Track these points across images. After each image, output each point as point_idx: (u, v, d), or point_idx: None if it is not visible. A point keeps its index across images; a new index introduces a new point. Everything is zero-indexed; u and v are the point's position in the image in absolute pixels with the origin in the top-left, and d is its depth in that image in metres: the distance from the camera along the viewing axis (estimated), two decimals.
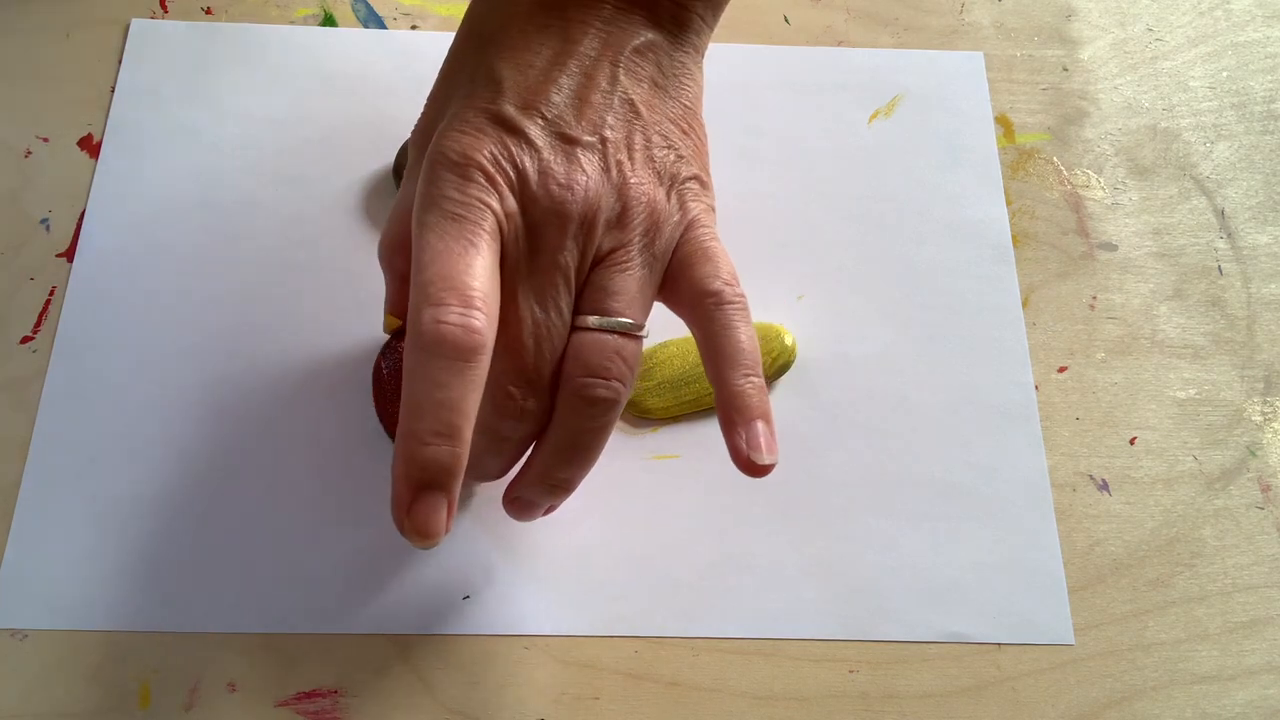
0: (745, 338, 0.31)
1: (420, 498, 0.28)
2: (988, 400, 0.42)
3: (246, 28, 0.48)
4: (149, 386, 0.41)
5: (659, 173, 0.32)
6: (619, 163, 0.31)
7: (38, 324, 0.42)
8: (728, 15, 0.50)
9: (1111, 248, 0.46)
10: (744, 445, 0.30)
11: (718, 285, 0.31)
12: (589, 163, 0.30)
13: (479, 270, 0.28)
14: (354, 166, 0.45)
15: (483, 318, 0.27)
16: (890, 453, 0.41)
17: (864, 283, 0.44)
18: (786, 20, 0.50)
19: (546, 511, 0.35)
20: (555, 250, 0.30)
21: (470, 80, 0.32)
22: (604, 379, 0.30)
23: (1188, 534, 0.41)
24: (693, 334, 0.33)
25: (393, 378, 0.39)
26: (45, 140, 0.45)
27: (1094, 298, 0.45)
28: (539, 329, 0.30)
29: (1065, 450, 0.42)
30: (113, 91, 0.46)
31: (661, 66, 0.33)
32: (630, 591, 0.39)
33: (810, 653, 0.38)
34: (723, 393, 0.31)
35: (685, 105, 0.33)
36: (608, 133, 0.31)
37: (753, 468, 0.30)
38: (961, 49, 0.50)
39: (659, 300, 0.33)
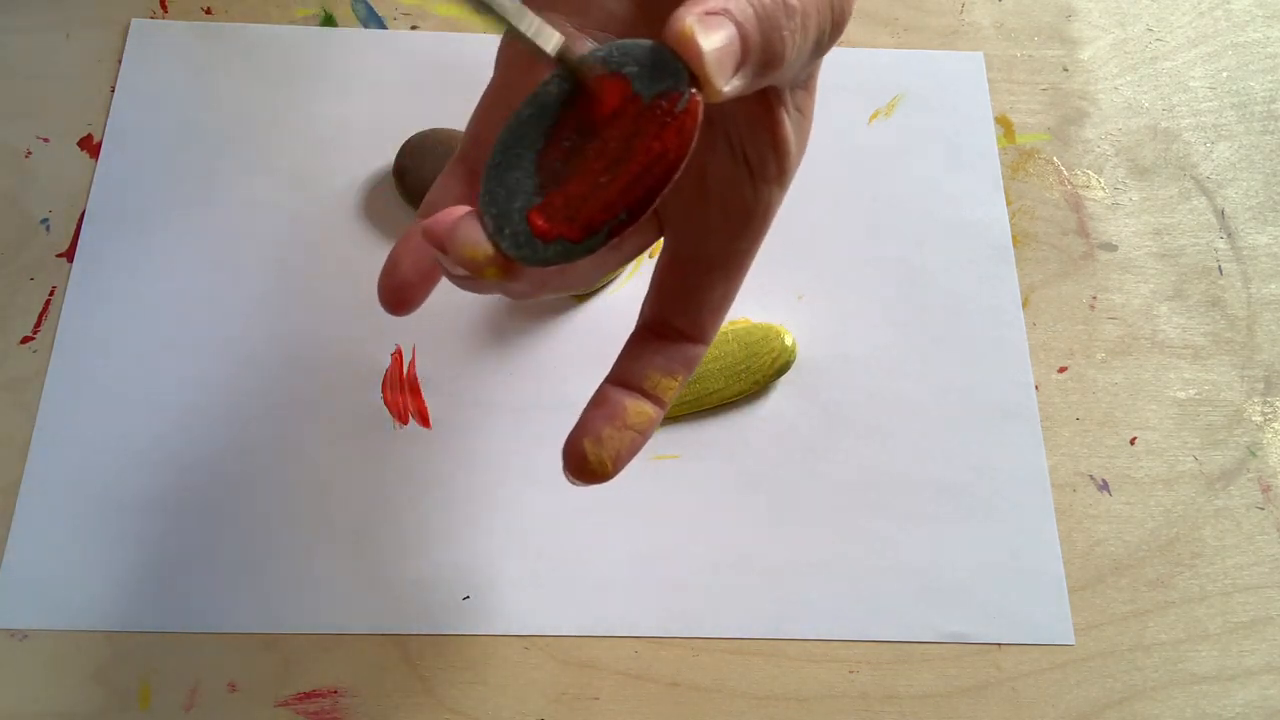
0: None
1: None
2: (988, 400, 0.42)
3: (246, 28, 0.48)
4: (149, 386, 0.41)
5: None
6: None
7: (38, 324, 0.42)
8: None
9: (1111, 248, 0.46)
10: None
11: None
12: None
13: None
14: (354, 166, 0.45)
15: None
16: (890, 453, 0.41)
17: (864, 283, 0.44)
18: None
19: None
20: None
21: None
22: None
23: (1188, 534, 0.41)
24: None
25: None
26: (45, 140, 0.45)
27: (1094, 298, 0.45)
28: None
29: (1065, 450, 0.42)
30: (113, 91, 0.46)
31: None
32: (630, 591, 0.39)
33: (810, 653, 0.38)
34: None
35: None
36: None
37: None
38: (961, 49, 0.50)
39: None
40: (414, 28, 0.48)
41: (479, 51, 0.48)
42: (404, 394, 0.41)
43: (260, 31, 0.48)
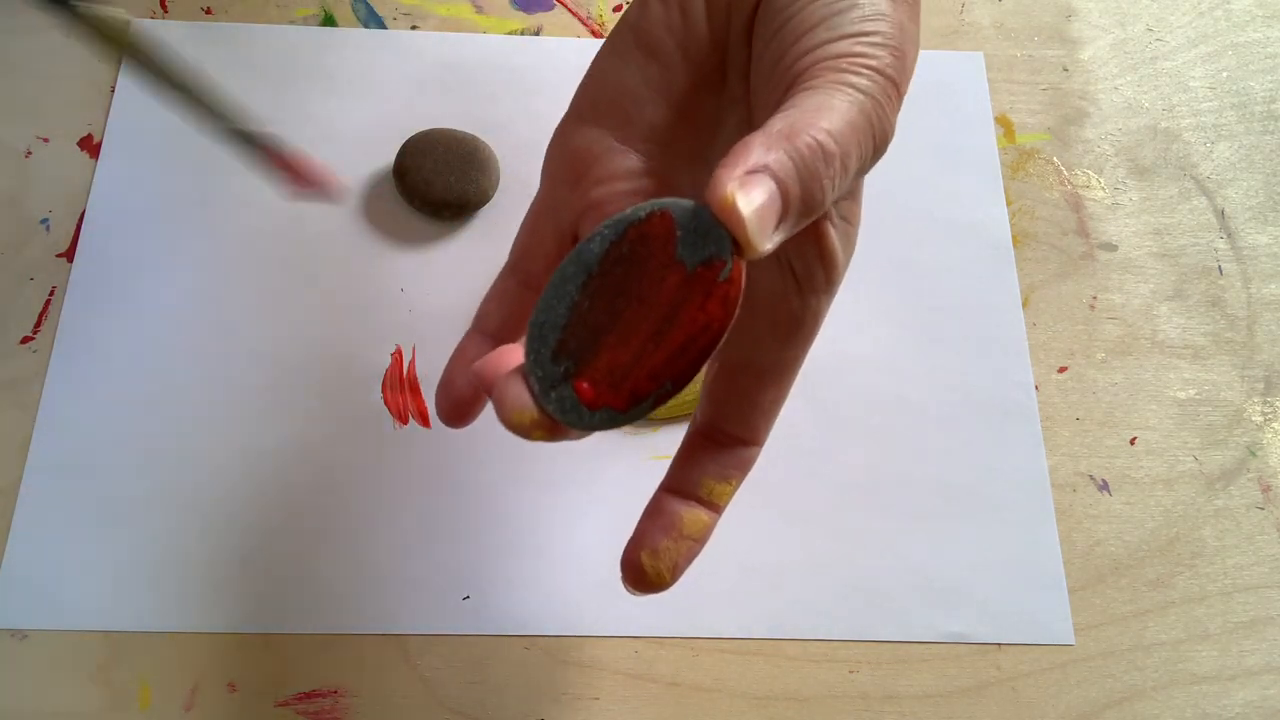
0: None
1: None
2: (988, 400, 0.42)
3: (247, 28, 0.48)
4: (149, 386, 0.41)
5: None
6: None
7: (38, 324, 0.42)
8: None
9: (1111, 248, 0.46)
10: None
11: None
12: None
13: None
14: (354, 166, 0.45)
15: None
16: (890, 453, 0.41)
17: (864, 283, 0.44)
18: None
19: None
20: None
21: None
22: None
23: (1188, 534, 0.41)
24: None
25: None
26: (45, 140, 0.45)
27: (1094, 298, 0.45)
28: None
29: (1065, 450, 0.42)
30: (113, 91, 0.46)
31: None
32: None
33: (810, 653, 0.38)
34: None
35: None
36: None
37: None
38: (961, 49, 0.50)
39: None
40: (414, 28, 0.48)
41: (479, 52, 0.48)
42: (404, 394, 0.41)
43: (260, 31, 0.48)
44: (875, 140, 0.23)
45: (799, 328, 0.27)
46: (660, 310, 0.22)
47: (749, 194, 0.20)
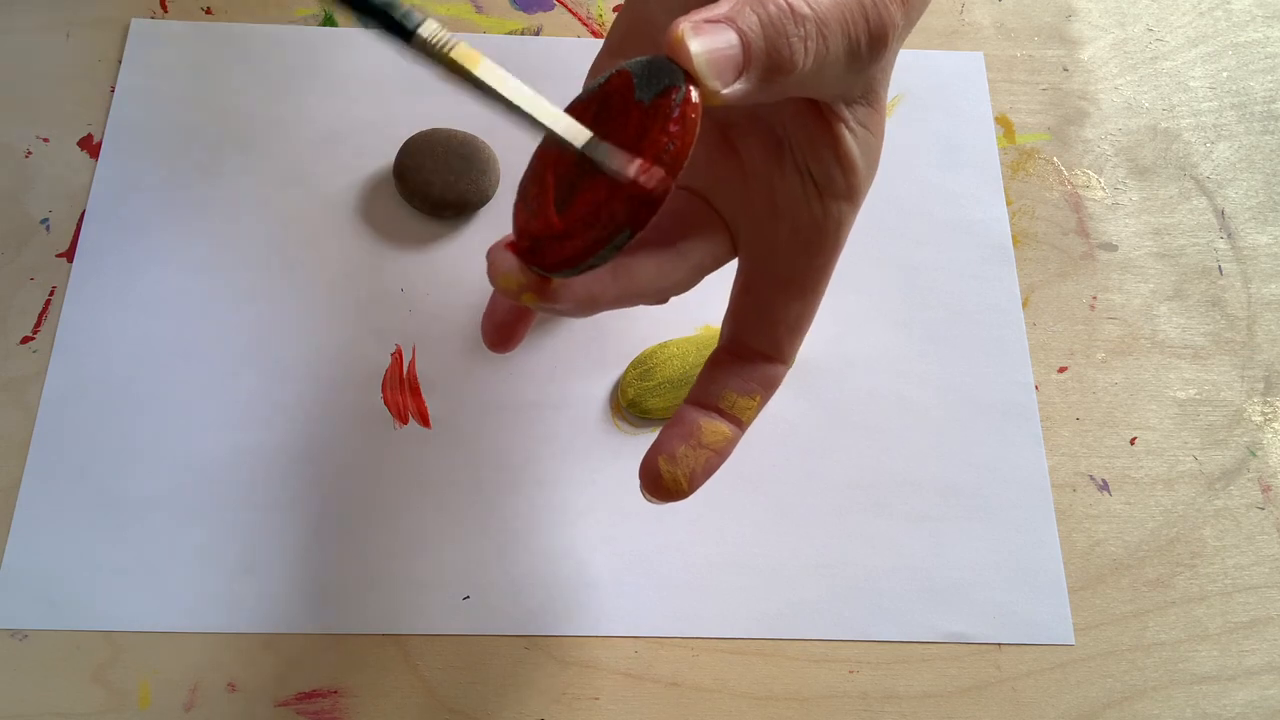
0: None
1: None
2: (988, 400, 0.42)
3: (246, 28, 0.48)
4: (149, 386, 0.41)
5: None
6: None
7: (38, 324, 0.42)
8: None
9: (1111, 248, 0.46)
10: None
11: None
12: None
13: None
14: (354, 166, 0.45)
15: None
16: (890, 453, 0.41)
17: (864, 283, 0.44)
18: None
19: None
20: None
21: None
22: None
23: (1188, 534, 0.41)
24: None
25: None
26: (45, 140, 0.45)
27: (1094, 298, 0.45)
28: None
29: (1065, 450, 0.42)
30: (113, 91, 0.46)
31: None
32: (630, 591, 0.39)
33: (810, 653, 0.38)
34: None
35: None
36: None
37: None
38: (961, 49, 0.50)
39: None
40: None
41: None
42: (404, 394, 0.41)
43: (260, 31, 0.48)
44: (869, 24, 0.23)
45: (821, 235, 0.27)
46: (627, 145, 0.23)
47: (700, 36, 0.21)
